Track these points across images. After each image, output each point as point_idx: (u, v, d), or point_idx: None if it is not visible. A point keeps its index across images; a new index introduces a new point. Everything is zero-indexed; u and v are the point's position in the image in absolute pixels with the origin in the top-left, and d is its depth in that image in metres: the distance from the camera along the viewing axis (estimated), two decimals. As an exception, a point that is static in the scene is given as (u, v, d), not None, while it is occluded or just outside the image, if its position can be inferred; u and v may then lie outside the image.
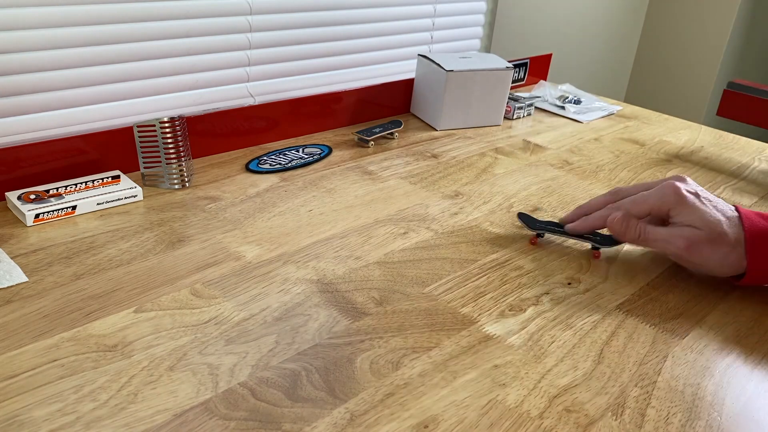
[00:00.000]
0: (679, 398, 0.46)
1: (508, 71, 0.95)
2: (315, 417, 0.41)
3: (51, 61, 0.74)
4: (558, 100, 1.10)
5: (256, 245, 0.60)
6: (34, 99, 0.74)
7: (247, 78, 0.93)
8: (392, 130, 0.89)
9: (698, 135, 1.03)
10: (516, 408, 0.44)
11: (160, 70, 0.83)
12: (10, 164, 0.64)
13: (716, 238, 0.55)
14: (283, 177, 0.75)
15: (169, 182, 0.70)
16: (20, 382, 0.42)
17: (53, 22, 0.72)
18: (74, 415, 0.40)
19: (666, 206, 0.57)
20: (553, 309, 0.55)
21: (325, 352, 0.47)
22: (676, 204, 0.57)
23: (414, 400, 0.43)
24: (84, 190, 0.65)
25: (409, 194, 0.73)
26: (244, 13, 0.89)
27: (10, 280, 0.52)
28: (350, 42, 1.04)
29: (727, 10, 1.64)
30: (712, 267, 0.57)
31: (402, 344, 0.49)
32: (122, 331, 0.48)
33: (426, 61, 0.95)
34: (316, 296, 0.54)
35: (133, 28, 0.79)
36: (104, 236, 0.60)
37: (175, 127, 0.69)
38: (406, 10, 1.10)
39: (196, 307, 0.51)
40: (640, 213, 0.59)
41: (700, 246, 0.56)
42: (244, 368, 0.45)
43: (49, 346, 0.45)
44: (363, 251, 0.61)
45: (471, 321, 0.52)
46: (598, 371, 0.48)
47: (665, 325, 0.54)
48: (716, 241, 0.55)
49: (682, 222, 0.57)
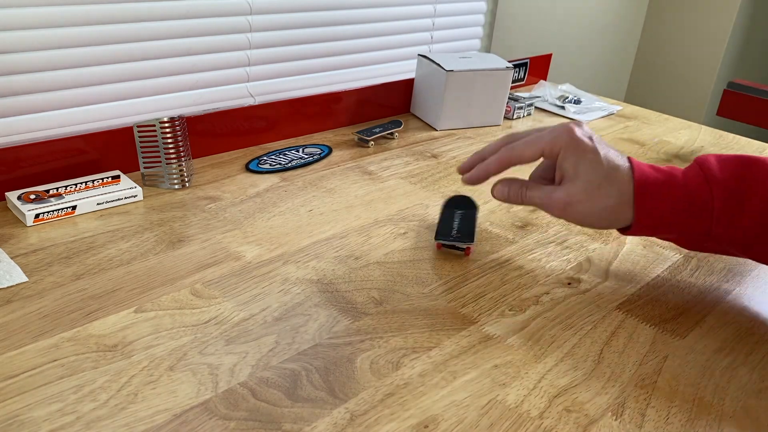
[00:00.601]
0: (679, 398, 0.46)
1: (508, 71, 0.95)
2: (315, 417, 0.41)
3: (51, 61, 0.74)
4: (558, 100, 1.10)
5: (256, 245, 0.60)
6: (34, 99, 0.74)
7: (247, 78, 0.93)
8: (392, 130, 0.89)
9: (698, 135, 1.03)
10: (516, 408, 0.44)
11: (160, 70, 0.83)
12: (10, 164, 0.64)
13: (593, 191, 0.53)
14: (283, 177, 0.75)
15: (169, 182, 0.70)
16: (20, 382, 0.42)
17: (53, 22, 0.72)
18: (74, 415, 0.40)
19: (557, 147, 0.55)
20: (553, 309, 0.55)
21: (325, 352, 0.47)
22: (566, 145, 0.54)
23: (414, 400, 0.43)
24: (84, 190, 0.65)
25: (409, 194, 0.73)
26: (244, 13, 0.89)
27: (10, 280, 0.52)
28: (350, 42, 1.04)
29: (727, 10, 1.64)
30: (591, 222, 0.55)
31: (402, 344, 0.49)
32: (122, 331, 0.48)
33: (426, 61, 0.95)
34: (316, 296, 0.54)
35: (133, 28, 0.79)
36: (104, 236, 0.60)
37: (175, 127, 0.69)
38: (406, 10, 1.10)
39: (196, 307, 0.51)
40: (533, 154, 0.56)
41: (576, 205, 0.54)
42: (244, 368, 0.45)
43: (49, 346, 0.45)
44: (363, 251, 0.61)
45: (471, 321, 0.52)
46: (598, 371, 0.48)
47: (665, 325, 0.54)
48: (593, 195, 0.53)
49: (565, 168, 0.55)
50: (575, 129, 0.55)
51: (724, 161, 0.54)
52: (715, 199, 0.52)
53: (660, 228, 0.54)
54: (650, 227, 0.54)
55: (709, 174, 0.53)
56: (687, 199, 0.52)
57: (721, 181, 0.52)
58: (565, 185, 0.55)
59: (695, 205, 0.52)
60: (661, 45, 1.75)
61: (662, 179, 0.53)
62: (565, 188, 0.55)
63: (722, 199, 0.52)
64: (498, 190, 0.59)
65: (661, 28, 1.74)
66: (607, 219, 0.54)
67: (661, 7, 1.73)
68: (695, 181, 0.53)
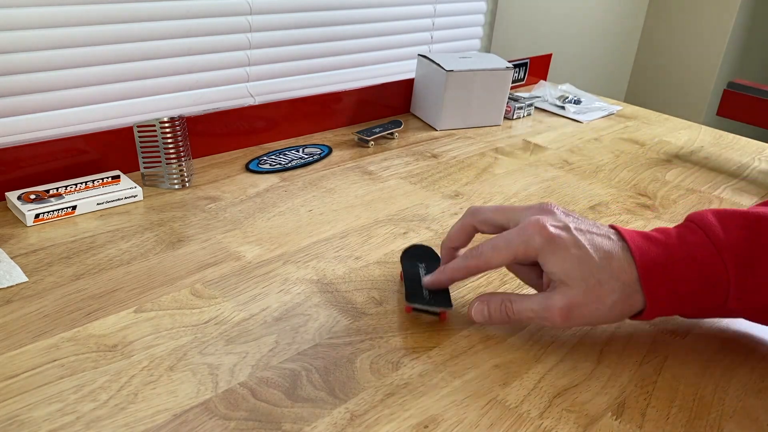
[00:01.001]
0: (679, 398, 0.46)
1: (508, 71, 0.95)
2: (315, 417, 0.41)
3: (51, 61, 0.74)
4: (558, 100, 1.10)
5: (256, 245, 0.60)
6: (34, 99, 0.74)
7: (247, 78, 0.93)
8: (392, 130, 0.89)
9: (698, 135, 1.03)
10: (516, 408, 0.44)
11: (160, 70, 0.83)
12: (10, 164, 0.64)
13: (594, 290, 0.46)
14: (283, 177, 0.75)
15: (169, 182, 0.70)
16: (20, 382, 0.42)
17: (53, 22, 0.72)
18: (74, 415, 0.40)
19: (532, 250, 0.47)
20: (553, 309, 0.55)
21: (325, 352, 0.47)
22: (542, 247, 0.47)
23: (414, 400, 0.43)
24: (84, 190, 0.65)
25: (409, 194, 0.73)
26: (244, 13, 0.89)
27: (10, 280, 0.52)
28: (350, 42, 1.04)
29: (727, 10, 1.64)
30: (601, 321, 0.48)
31: (402, 344, 0.49)
32: (122, 331, 0.48)
33: (426, 61, 0.95)
34: (316, 296, 0.54)
35: (133, 28, 0.79)
36: (104, 236, 0.60)
37: (175, 127, 0.69)
38: (406, 10, 1.10)
39: (196, 307, 0.51)
40: (503, 261, 0.49)
41: (579, 308, 0.46)
42: (244, 368, 0.45)
43: (49, 346, 0.46)
44: (363, 251, 0.61)
45: (471, 321, 0.52)
46: (598, 371, 0.48)
47: (665, 325, 0.54)
48: (596, 295, 0.46)
49: (552, 273, 0.47)
50: (546, 224, 0.47)
51: (724, 218, 0.48)
52: (728, 269, 0.46)
53: (674, 308, 0.49)
54: (664, 309, 0.48)
55: (717, 240, 0.47)
56: (700, 275, 0.47)
57: (729, 246, 0.47)
58: (560, 289, 0.47)
59: (708, 276, 0.47)
60: (661, 45, 1.75)
61: (663, 254, 0.47)
62: (561, 293, 0.46)
63: (736, 265, 0.46)
64: (476, 310, 0.50)
65: (661, 28, 1.74)
66: (618, 313, 0.47)
67: (661, 7, 1.73)
68: (703, 251, 0.47)
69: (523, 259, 0.48)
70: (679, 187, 0.82)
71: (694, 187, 0.82)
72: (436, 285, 0.52)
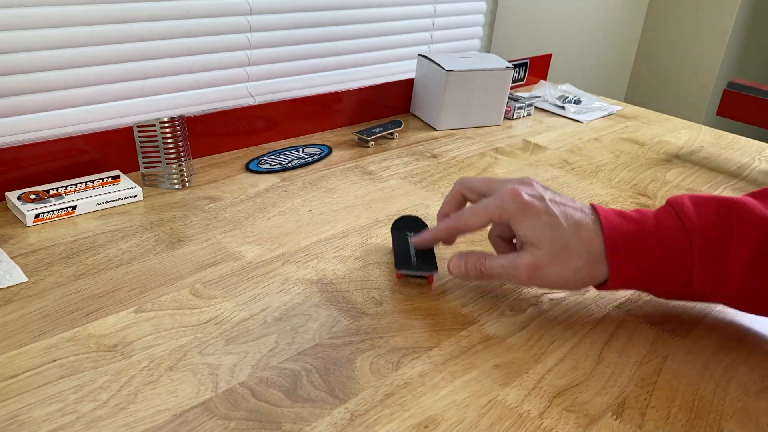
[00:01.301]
0: (679, 398, 0.46)
1: (508, 71, 0.95)
2: (315, 417, 0.41)
3: (51, 61, 0.74)
4: (558, 100, 1.10)
5: (256, 245, 0.60)
6: (34, 99, 0.74)
7: (247, 78, 0.93)
8: (392, 130, 0.89)
9: (698, 135, 1.03)
10: (516, 408, 0.44)
11: (160, 70, 0.83)
12: (10, 164, 0.64)
13: (560, 254, 0.49)
14: (283, 177, 0.75)
15: (169, 182, 0.70)
16: (20, 382, 0.42)
17: (53, 22, 0.72)
18: (74, 415, 0.40)
19: (506, 215, 0.50)
20: (553, 309, 0.55)
21: (325, 352, 0.47)
22: (516, 212, 0.50)
23: (414, 400, 0.43)
24: (84, 190, 0.65)
25: (409, 194, 0.73)
26: (244, 13, 0.89)
27: (10, 280, 0.52)
28: (350, 42, 1.04)
29: (727, 10, 1.64)
30: (564, 285, 0.51)
31: (402, 344, 0.49)
32: (122, 331, 0.48)
33: (426, 61, 0.95)
34: (316, 296, 0.54)
35: (133, 28, 0.79)
36: (104, 236, 0.60)
37: (175, 127, 0.69)
38: (406, 10, 1.10)
39: (196, 307, 0.51)
40: (480, 223, 0.52)
41: (543, 269, 0.49)
42: (244, 368, 0.45)
43: (49, 346, 0.46)
44: (363, 251, 0.61)
45: (471, 321, 0.52)
46: (598, 371, 0.48)
47: (665, 325, 0.54)
48: (561, 258, 0.49)
49: (523, 236, 0.50)
50: (522, 192, 0.50)
51: (700, 204, 0.50)
52: (693, 250, 0.49)
53: (637, 282, 0.51)
54: (627, 282, 0.51)
55: (688, 224, 0.49)
56: (664, 250, 0.49)
57: (699, 228, 0.49)
58: (529, 250, 0.50)
59: (673, 255, 0.49)
60: (661, 45, 1.75)
61: (634, 230, 0.50)
62: (530, 252, 0.50)
63: (702, 247, 0.48)
64: (454, 265, 0.54)
65: (661, 28, 1.74)
66: (581, 280, 0.50)
67: (661, 7, 1.73)
68: (672, 230, 0.49)
69: (498, 221, 0.52)
70: (679, 187, 0.82)
71: (694, 187, 0.82)
72: (421, 244, 0.57)
